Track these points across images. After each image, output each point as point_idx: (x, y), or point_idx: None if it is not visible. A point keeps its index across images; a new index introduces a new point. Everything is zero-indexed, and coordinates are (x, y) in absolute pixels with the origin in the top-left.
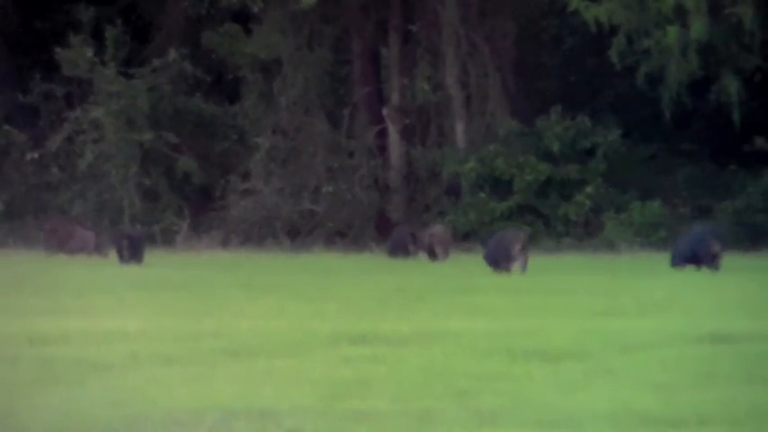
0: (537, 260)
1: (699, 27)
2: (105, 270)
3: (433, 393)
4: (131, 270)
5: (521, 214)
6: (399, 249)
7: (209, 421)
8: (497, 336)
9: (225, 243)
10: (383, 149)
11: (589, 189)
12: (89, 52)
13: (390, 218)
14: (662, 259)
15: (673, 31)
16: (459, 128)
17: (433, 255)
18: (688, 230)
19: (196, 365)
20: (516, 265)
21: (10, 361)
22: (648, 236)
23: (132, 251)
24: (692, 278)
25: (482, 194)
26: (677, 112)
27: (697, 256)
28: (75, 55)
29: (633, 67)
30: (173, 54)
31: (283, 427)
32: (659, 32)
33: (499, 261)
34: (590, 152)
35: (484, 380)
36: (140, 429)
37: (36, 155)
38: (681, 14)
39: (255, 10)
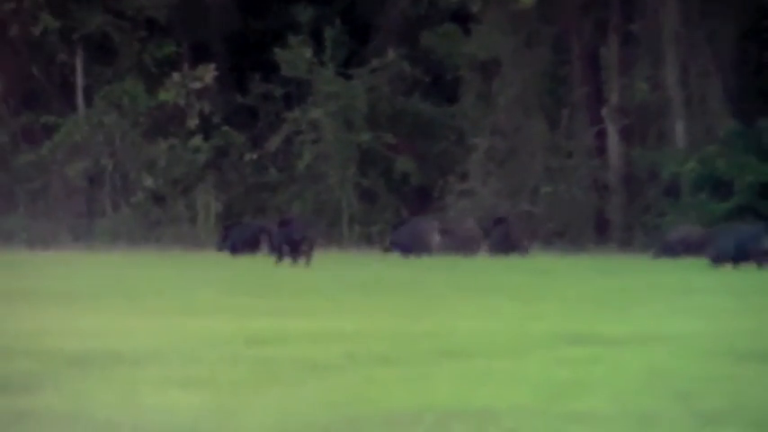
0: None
1: None
2: (322, 272)
3: (653, 395)
4: (348, 272)
5: (741, 215)
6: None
7: (427, 422)
8: (720, 337)
9: None
10: (602, 150)
11: None
12: (308, 53)
13: (610, 219)
14: None
15: None
16: (679, 128)
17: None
18: (729, 228)
19: (413, 366)
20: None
21: (229, 361)
22: None
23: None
24: None
25: (702, 195)
26: None
27: (745, 254)
28: (294, 55)
29: None
30: (391, 54)
31: (502, 427)
32: None
33: (413, 248)
34: None
35: (706, 381)
36: (359, 430)
37: (255, 155)
38: None
39: (474, 10)
